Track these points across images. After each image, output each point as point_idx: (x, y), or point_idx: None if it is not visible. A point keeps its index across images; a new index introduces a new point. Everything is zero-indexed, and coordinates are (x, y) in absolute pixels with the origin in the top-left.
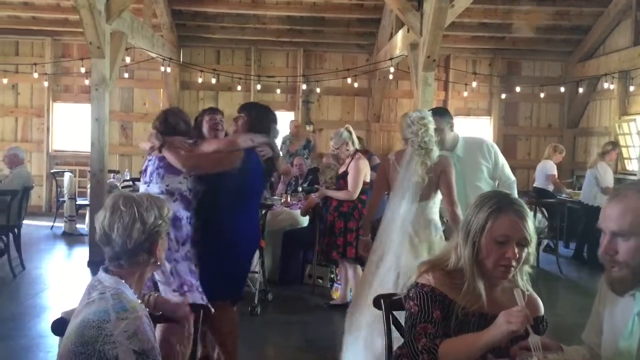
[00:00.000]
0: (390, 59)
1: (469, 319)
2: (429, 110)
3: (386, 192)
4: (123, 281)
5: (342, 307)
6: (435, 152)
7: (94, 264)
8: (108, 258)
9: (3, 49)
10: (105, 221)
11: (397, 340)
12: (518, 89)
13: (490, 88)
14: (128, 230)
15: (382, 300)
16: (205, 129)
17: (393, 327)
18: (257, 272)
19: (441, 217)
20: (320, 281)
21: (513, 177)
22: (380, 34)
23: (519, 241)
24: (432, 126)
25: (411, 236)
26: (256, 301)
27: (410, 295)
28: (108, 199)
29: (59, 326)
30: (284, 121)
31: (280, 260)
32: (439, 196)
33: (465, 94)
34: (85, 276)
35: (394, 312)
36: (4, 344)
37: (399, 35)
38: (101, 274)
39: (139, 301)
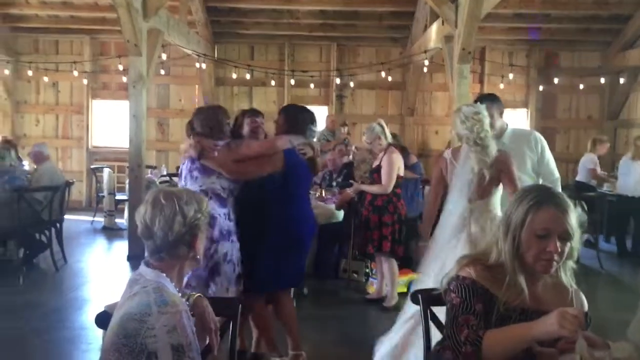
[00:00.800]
0: (425, 51)
1: (510, 314)
2: (482, 96)
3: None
4: (164, 275)
5: (378, 302)
6: (493, 148)
7: (133, 258)
8: (149, 252)
9: (44, 48)
10: (147, 215)
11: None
12: (556, 81)
13: (527, 80)
14: (169, 223)
15: (419, 295)
16: (245, 130)
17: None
18: None
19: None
20: (356, 275)
21: (557, 174)
22: (414, 27)
23: (561, 235)
24: (487, 120)
25: (476, 235)
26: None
27: (451, 288)
28: (148, 194)
29: (102, 319)
30: (318, 116)
31: (315, 254)
32: (500, 190)
33: (502, 86)
34: (124, 270)
35: (432, 308)
36: (47, 336)
37: (434, 28)
38: (142, 268)
39: (180, 295)
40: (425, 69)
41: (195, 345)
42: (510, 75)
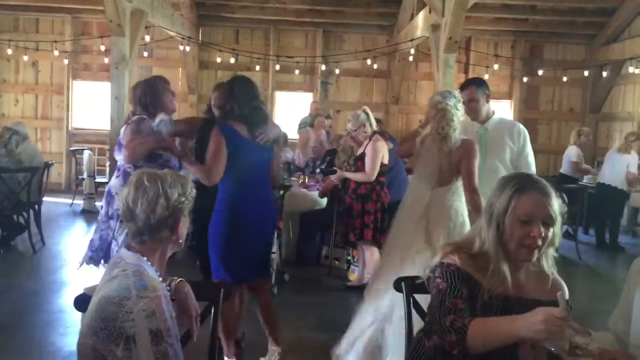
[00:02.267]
0: (411, 40)
1: (493, 301)
2: (468, 80)
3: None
4: (145, 258)
5: (359, 289)
6: (453, 139)
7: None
8: (131, 234)
9: (24, 26)
10: (130, 197)
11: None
12: (540, 72)
13: (512, 71)
14: (152, 205)
15: (402, 283)
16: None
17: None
18: (274, 253)
19: None
20: (337, 262)
21: (534, 170)
22: (401, 15)
23: (544, 220)
24: (453, 110)
25: (432, 222)
26: (273, 281)
27: (436, 274)
28: (132, 176)
29: (81, 302)
30: (303, 102)
31: (297, 241)
32: (459, 180)
33: (486, 76)
34: None
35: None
36: (24, 319)
37: (420, 16)
38: (123, 251)
39: (160, 280)
40: (411, 58)
41: (175, 331)
42: (495, 66)
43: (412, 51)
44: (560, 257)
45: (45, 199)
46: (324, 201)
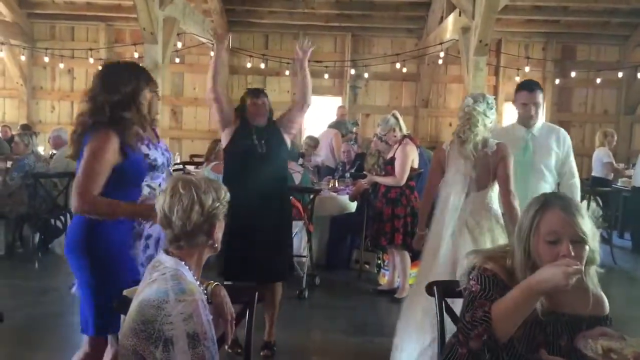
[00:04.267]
0: (440, 43)
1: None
2: (534, 85)
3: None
4: (182, 263)
5: (389, 293)
6: (472, 143)
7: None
8: (168, 240)
9: (60, 34)
10: (165, 204)
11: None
12: (573, 74)
13: (544, 73)
14: (187, 212)
15: (435, 287)
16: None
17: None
18: (305, 257)
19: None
20: (367, 266)
21: (577, 178)
22: (430, 18)
23: (572, 238)
24: (480, 116)
25: (472, 227)
26: (304, 285)
27: (471, 277)
28: (167, 183)
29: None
30: (332, 106)
31: (327, 245)
32: (495, 185)
33: (517, 79)
34: None
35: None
36: (61, 320)
37: (450, 19)
38: (162, 255)
39: (198, 284)
40: (440, 61)
41: (211, 334)
42: (527, 68)
43: (442, 54)
44: None
45: None
46: (353, 205)
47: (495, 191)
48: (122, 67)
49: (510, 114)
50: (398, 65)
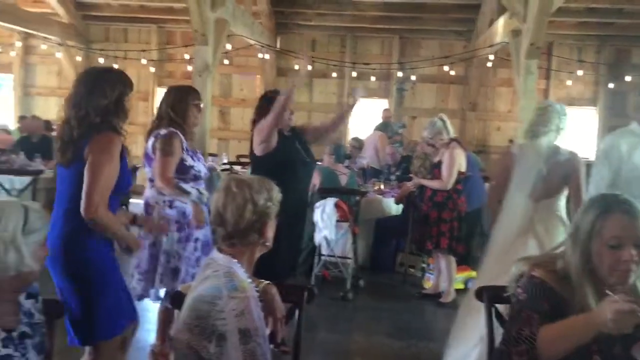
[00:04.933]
0: (490, 46)
1: None
2: None
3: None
4: (235, 260)
5: (434, 297)
6: (542, 140)
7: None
8: (221, 238)
9: (114, 36)
10: (219, 202)
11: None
12: (628, 78)
13: (597, 77)
14: (240, 210)
15: (483, 292)
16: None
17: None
18: (349, 259)
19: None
20: (412, 270)
21: None
22: (479, 20)
23: (636, 242)
24: (554, 114)
25: (541, 235)
26: (348, 287)
27: (519, 284)
28: (221, 182)
29: (176, 299)
30: (378, 108)
31: (372, 247)
32: (565, 192)
33: (569, 82)
34: None
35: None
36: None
37: (500, 22)
38: (215, 253)
39: (250, 281)
40: (489, 64)
41: (263, 331)
42: (579, 72)
43: (491, 57)
44: None
45: (131, 200)
46: (399, 208)
47: (564, 199)
48: (104, 72)
49: None
50: (446, 68)
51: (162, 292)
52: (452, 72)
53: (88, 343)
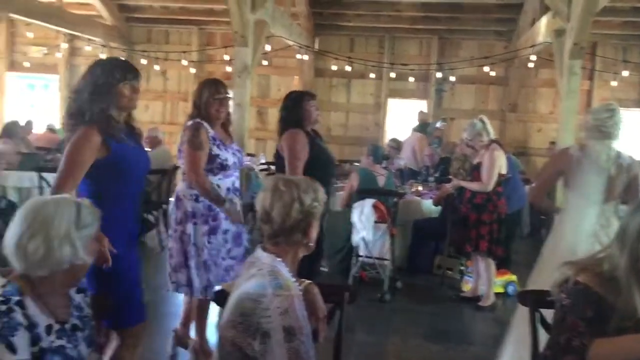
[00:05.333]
0: (532, 46)
1: (626, 324)
2: None
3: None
4: (279, 259)
5: (472, 301)
6: (612, 146)
7: None
8: (267, 236)
9: (156, 37)
10: (267, 201)
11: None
12: None
13: None
14: (287, 209)
15: (528, 297)
16: (313, 117)
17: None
18: (387, 260)
19: None
20: (450, 272)
21: None
22: (521, 20)
23: None
24: (621, 117)
25: (603, 240)
26: (385, 288)
27: (562, 289)
28: (269, 181)
29: (219, 297)
30: (416, 109)
31: (409, 249)
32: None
33: (614, 83)
34: None
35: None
36: (151, 311)
37: (543, 21)
38: (259, 252)
39: (294, 280)
40: (531, 64)
41: (307, 330)
42: (624, 72)
43: (533, 57)
44: None
45: (171, 199)
46: (437, 210)
47: (618, 204)
48: (100, 62)
49: None
50: (486, 69)
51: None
52: (492, 73)
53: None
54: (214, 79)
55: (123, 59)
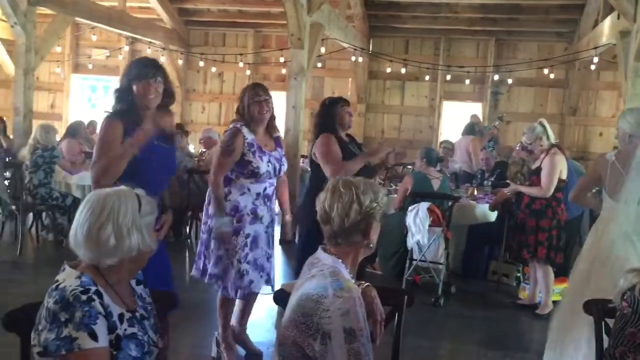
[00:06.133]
0: (594, 47)
1: None
2: None
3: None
4: (340, 261)
5: (530, 308)
6: None
7: (284, 243)
8: (327, 237)
9: (213, 40)
10: (326, 202)
11: None
12: None
13: None
14: (346, 209)
15: (594, 306)
16: (346, 121)
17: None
18: (441, 264)
19: None
20: (506, 279)
21: None
22: (583, 21)
23: None
24: None
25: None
26: (439, 292)
27: (625, 297)
28: (328, 183)
29: (279, 296)
30: (471, 112)
31: (463, 253)
32: None
33: None
34: (276, 253)
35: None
36: (206, 308)
37: (607, 22)
38: (320, 252)
39: (354, 282)
40: (593, 66)
41: (367, 332)
42: None
43: (595, 59)
44: None
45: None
46: (493, 215)
47: None
48: (129, 62)
49: None
50: (546, 71)
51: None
52: (552, 75)
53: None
54: (254, 83)
55: (151, 58)
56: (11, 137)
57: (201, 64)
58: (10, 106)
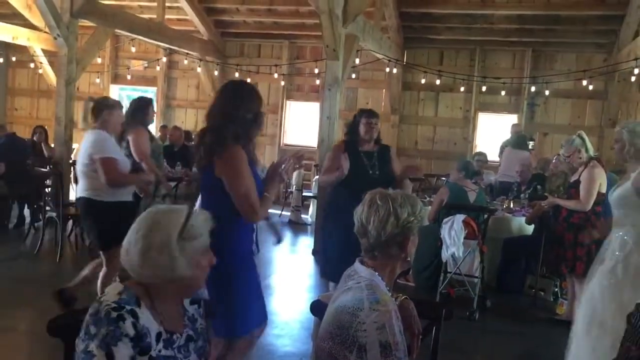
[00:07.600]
0: (635, 59)
1: None
2: None
3: None
4: (377, 274)
5: (568, 324)
6: None
7: (317, 253)
8: (364, 250)
9: (248, 51)
10: (363, 214)
11: None
12: None
13: None
14: (383, 223)
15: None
16: (362, 131)
17: None
18: (477, 277)
19: None
20: (542, 293)
21: None
22: (622, 32)
23: None
24: None
25: None
26: (474, 306)
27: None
28: (367, 195)
29: (315, 307)
30: (505, 124)
31: (499, 267)
32: None
33: None
34: (308, 264)
35: None
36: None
37: None
38: (357, 265)
39: (390, 295)
40: (633, 78)
41: (403, 346)
42: None
43: (636, 71)
44: None
45: None
46: (530, 228)
47: None
48: (244, 85)
49: None
50: (584, 82)
51: None
52: (590, 87)
53: (225, 335)
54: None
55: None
56: (52, 145)
57: (237, 74)
58: (51, 116)
